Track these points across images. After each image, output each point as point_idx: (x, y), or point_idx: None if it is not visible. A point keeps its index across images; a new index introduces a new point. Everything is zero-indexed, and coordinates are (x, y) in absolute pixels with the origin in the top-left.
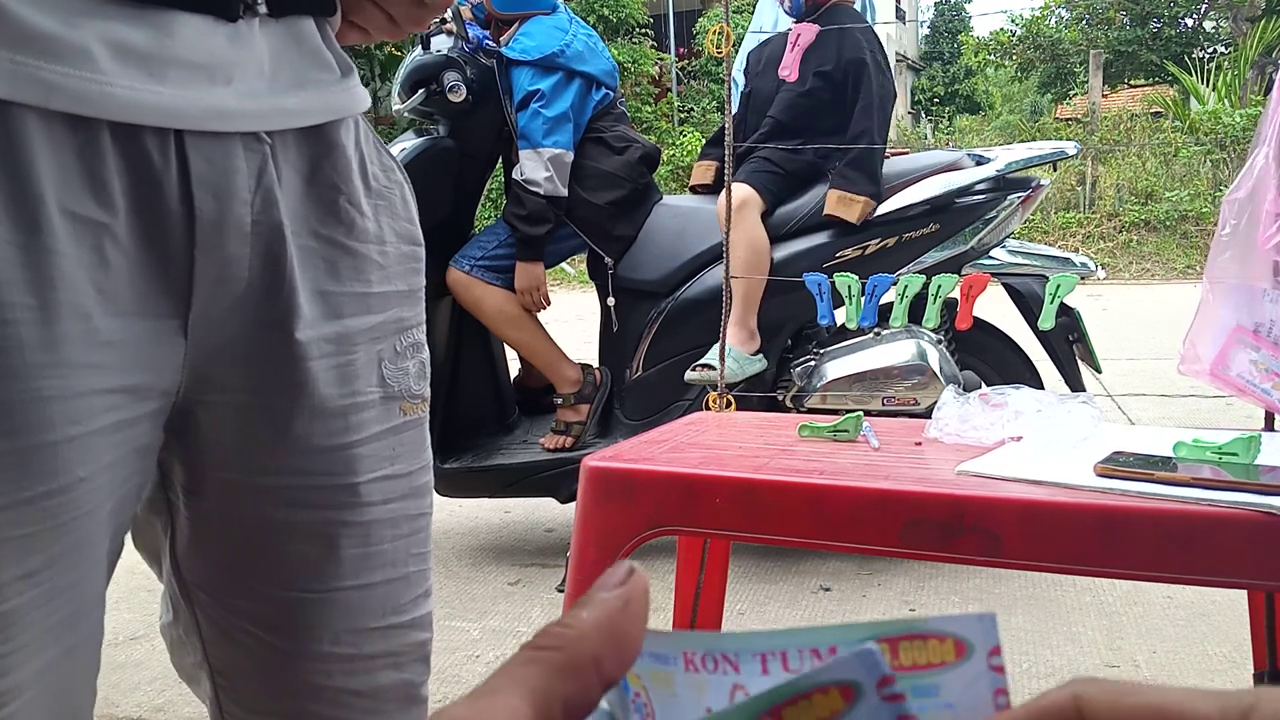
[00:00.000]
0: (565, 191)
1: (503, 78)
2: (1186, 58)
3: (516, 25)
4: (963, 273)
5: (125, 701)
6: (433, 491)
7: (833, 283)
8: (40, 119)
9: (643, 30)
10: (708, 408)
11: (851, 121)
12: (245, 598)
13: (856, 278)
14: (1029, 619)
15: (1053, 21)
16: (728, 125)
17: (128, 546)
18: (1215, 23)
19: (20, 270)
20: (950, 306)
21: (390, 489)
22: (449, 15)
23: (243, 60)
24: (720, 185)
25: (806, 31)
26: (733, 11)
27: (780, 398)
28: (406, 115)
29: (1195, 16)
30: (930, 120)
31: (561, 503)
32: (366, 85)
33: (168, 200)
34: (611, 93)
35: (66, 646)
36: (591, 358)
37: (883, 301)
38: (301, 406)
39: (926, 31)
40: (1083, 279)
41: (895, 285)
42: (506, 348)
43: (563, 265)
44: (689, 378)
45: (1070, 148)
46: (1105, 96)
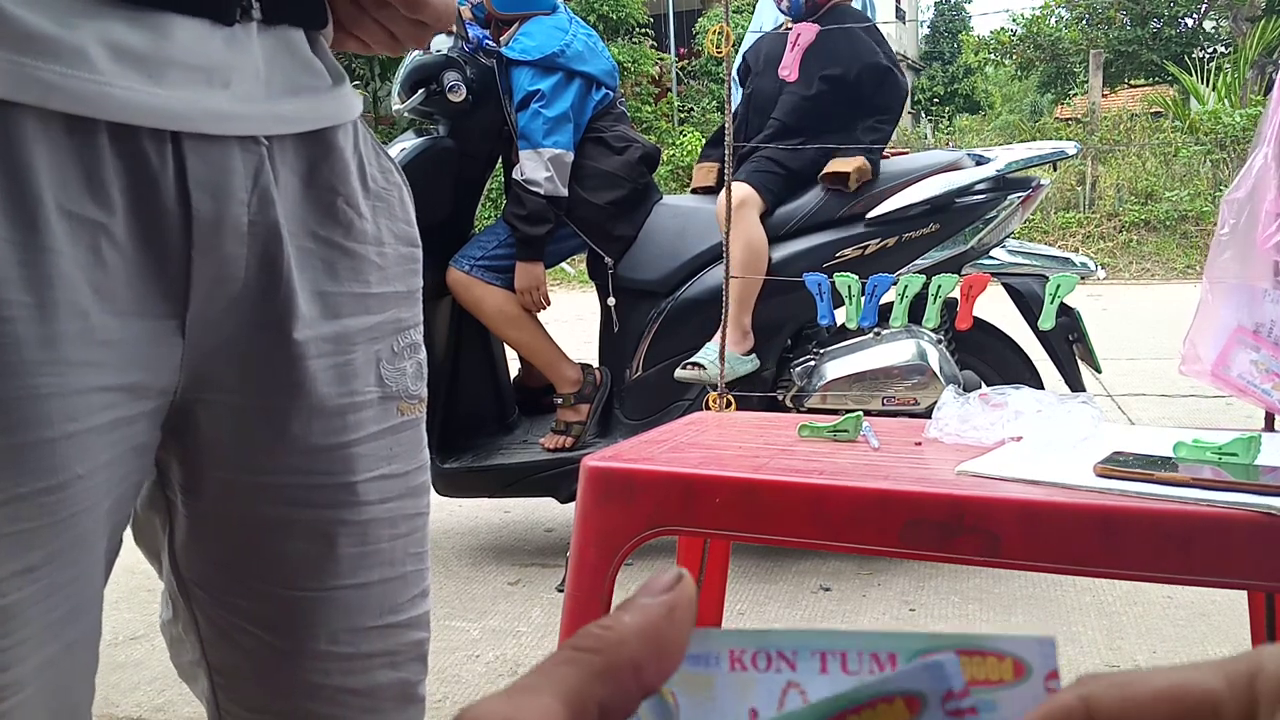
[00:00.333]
0: (565, 191)
1: (503, 78)
2: (1186, 58)
3: (516, 25)
4: (963, 273)
5: (125, 701)
6: (430, 491)
7: (833, 283)
8: (38, 119)
9: (643, 30)
10: (708, 408)
11: (866, 121)
12: (243, 596)
13: (856, 278)
14: (1029, 619)
15: (1053, 21)
16: (728, 125)
17: (128, 545)
18: (1215, 23)
19: (18, 269)
20: (950, 306)
21: (387, 488)
22: None
23: (239, 64)
24: (721, 186)
25: (806, 31)
26: (733, 11)
27: (780, 398)
28: (406, 115)
29: (1195, 16)
30: (930, 120)
31: (561, 503)
32: (366, 85)
33: (165, 200)
34: (611, 93)
35: (66, 643)
36: (591, 358)
37: (883, 301)
38: (299, 406)
39: (926, 31)
40: (1083, 279)
41: (895, 285)
42: (506, 348)
43: (563, 265)
44: (679, 376)
45: (1070, 148)
46: (1105, 96)
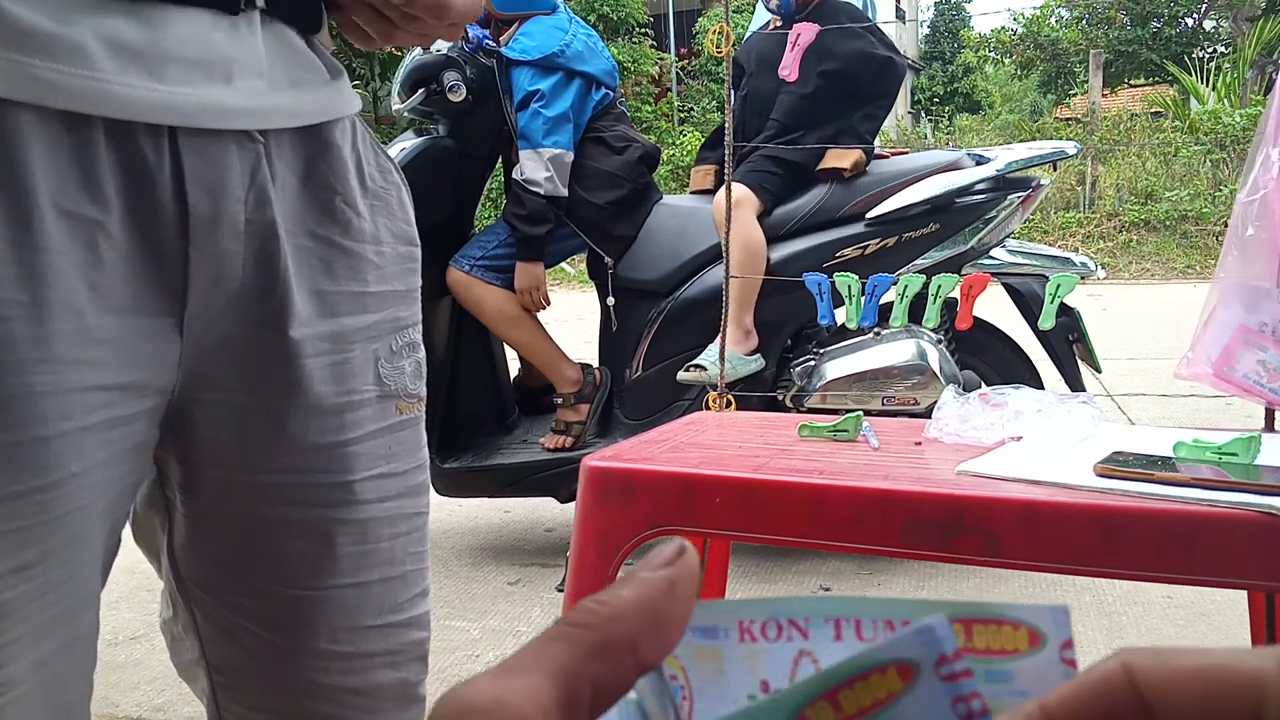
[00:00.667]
0: (565, 191)
1: (503, 78)
2: (1186, 58)
3: (516, 25)
4: (963, 272)
5: (125, 701)
6: (429, 491)
7: (833, 282)
8: (36, 116)
9: (643, 30)
10: (708, 407)
11: (863, 109)
12: (243, 595)
13: (856, 277)
14: None
15: (1053, 20)
16: (728, 125)
17: (126, 544)
18: (1215, 23)
19: (12, 267)
20: (950, 306)
21: (386, 487)
22: None
23: (241, 58)
24: (719, 188)
25: (806, 31)
26: (733, 11)
27: (780, 398)
28: (406, 115)
29: (1195, 16)
30: (930, 120)
31: (561, 503)
32: (366, 85)
33: (161, 198)
34: (611, 93)
35: (62, 641)
36: (591, 358)
37: (883, 301)
38: (296, 404)
39: (926, 31)
40: (1083, 279)
41: (895, 285)
42: (506, 348)
43: (563, 265)
44: (681, 378)
45: (1070, 147)
46: (1105, 96)
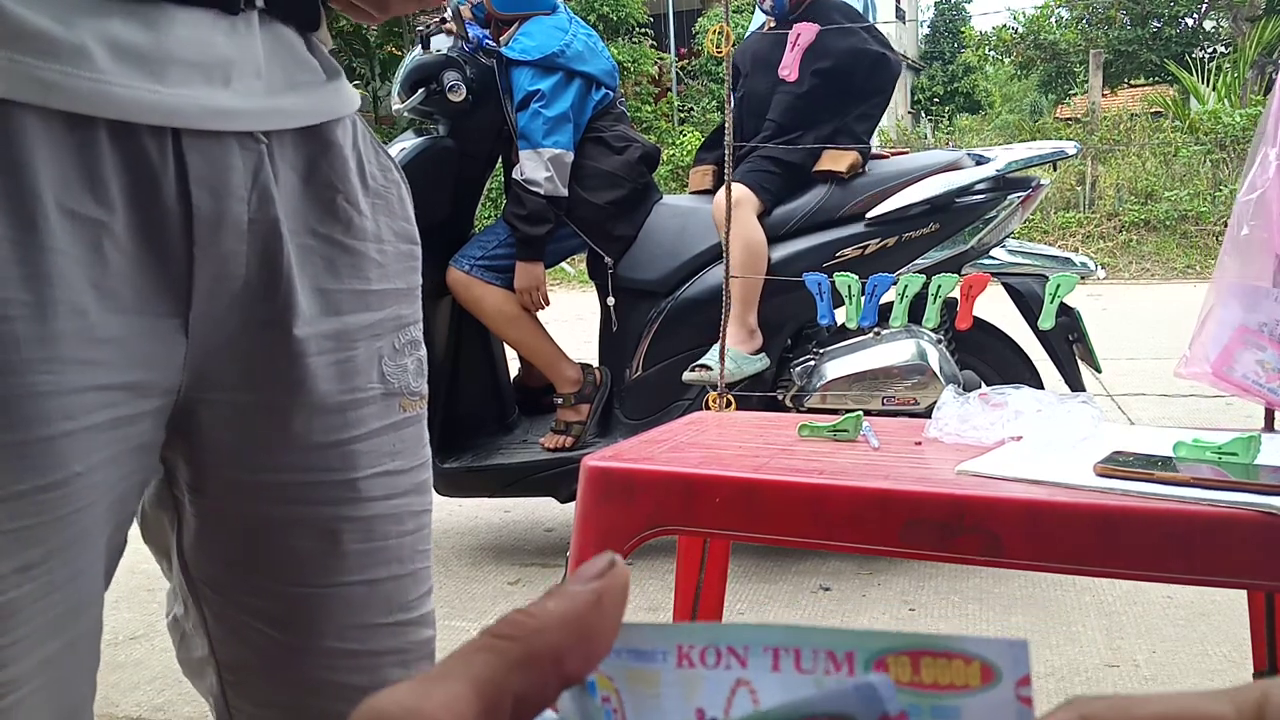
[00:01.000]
0: (565, 191)
1: (503, 78)
2: (1186, 57)
3: (516, 25)
4: (963, 272)
5: (125, 701)
6: (432, 489)
7: (833, 282)
8: (39, 117)
9: (643, 30)
10: (708, 407)
11: (860, 108)
12: (251, 593)
13: (856, 277)
14: (1029, 619)
15: (1053, 20)
16: (728, 125)
17: (128, 543)
18: (1215, 23)
19: (16, 267)
20: (950, 306)
21: (391, 485)
22: (449, 15)
23: (240, 59)
24: (719, 187)
25: (807, 31)
26: (733, 11)
27: (780, 397)
28: (406, 115)
29: (1195, 16)
30: (930, 120)
31: (561, 502)
32: (366, 85)
33: (165, 198)
34: (611, 93)
35: (66, 640)
36: (591, 357)
37: (883, 301)
38: (301, 403)
39: (926, 31)
40: (1083, 279)
41: (895, 285)
42: (506, 347)
43: (563, 265)
44: (687, 378)
45: (1070, 147)
46: (1105, 96)
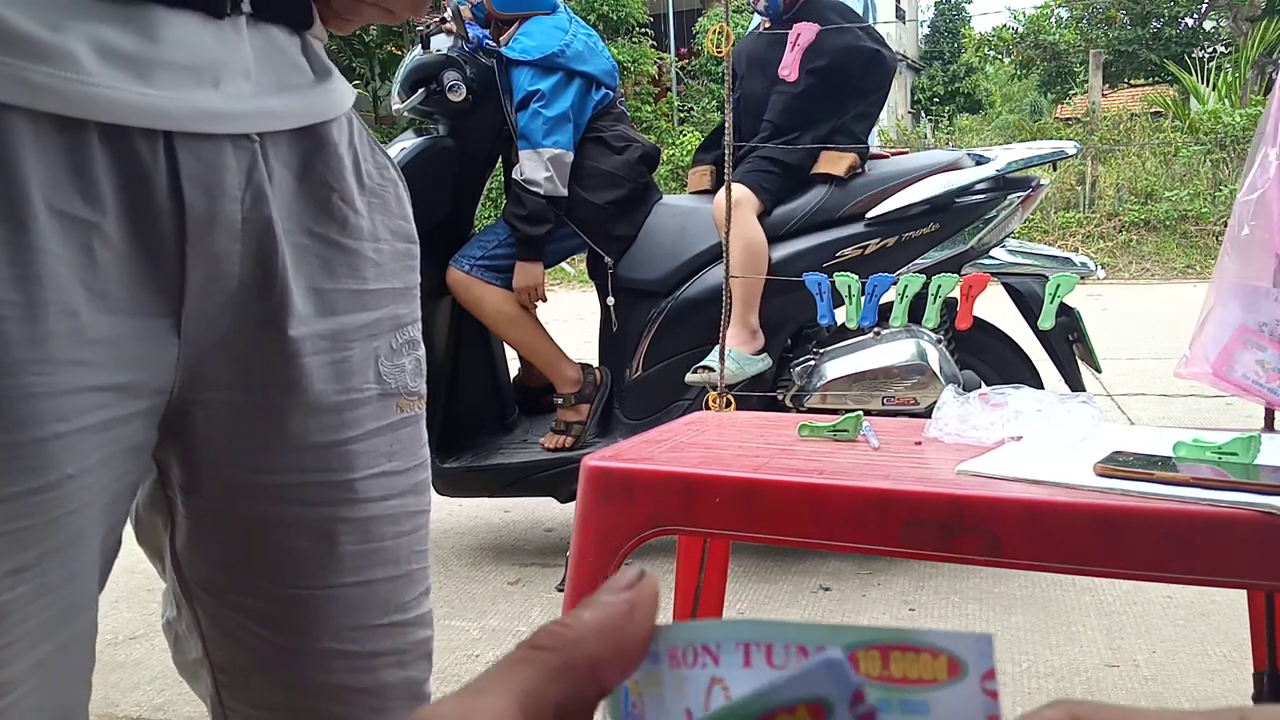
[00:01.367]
0: (565, 191)
1: (503, 77)
2: (1186, 57)
3: (516, 25)
4: (963, 272)
5: (125, 701)
6: (431, 489)
7: (832, 282)
8: (28, 119)
9: (643, 30)
10: (708, 407)
11: (857, 108)
12: (246, 595)
13: (856, 277)
14: (1029, 619)
15: (1053, 20)
16: (728, 125)
17: (127, 543)
18: (1215, 23)
19: (6, 268)
20: (950, 306)
21: (388, 485)
22: (449, 15)
23: (229, 61)
24: (718, 188)
25: (806, 31)
26: (733, 11)
27: (780, 397)
28: (406, 115)
29: (1195, 16)
30: (930, 120)
31: (561, 502)
32: (366, 85)
33: (157, 197)
34: (611, 92)
35: (61, 642)
36: (591, 358)
37: (883, 301)
38: (296, 403)
39: (926, 31)
40: (1083, 279)
41: (895, 285)
42: (506, 347)
43: (563, 265)
44: (690, 379)
45: (1070, 147)
46: (1105, 96)
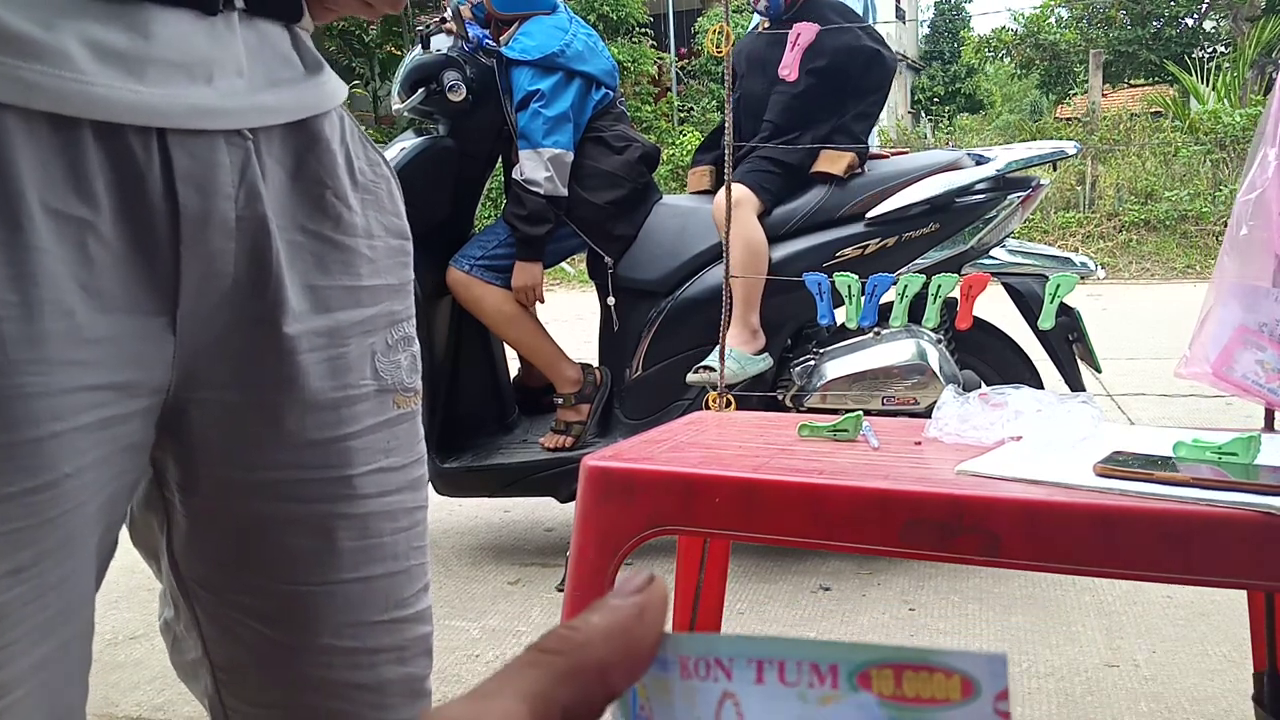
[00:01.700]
0: (565, 191)
1: (502, 77)
2: (1186, 57)
3: (516, 25)
4: (963, 272)
5: (125, 701)
6: (428, 485)
7: (832, 282)
8: (21, 118)
9: (643, 30)
10: (708, 407)
11: (857, 108)
12: (244, 593)
13: (856, 277)
14: (1029, 619)
15: (1052, 20)
16: (728, 125)
17: (127, 544)
18: (1215, 23)
19: (2, 267)
20: (950, 306)
21: (385, 481)
22: (449, 15)
23: (221, 58)
24: (718, 188)
25: (807, 31)
26: (733, 11)
27: (780, 397)
28: (406, 114)
29: (1195, 16)
30: (930, 120)
31: (561, 502)
32: (366, 85)
33: (151, 196)
34: (611, 92)
35: (59, 642)
36: (591, 357)
37: (883, 301)
38: (293, 400)
39: (926, 31)
40: (1083, 279)
41: (895, 285)
42: (506, 347)
43: (563, 265)
44: (691, 380)
45: (1070, 147)
46: (1105, 96)
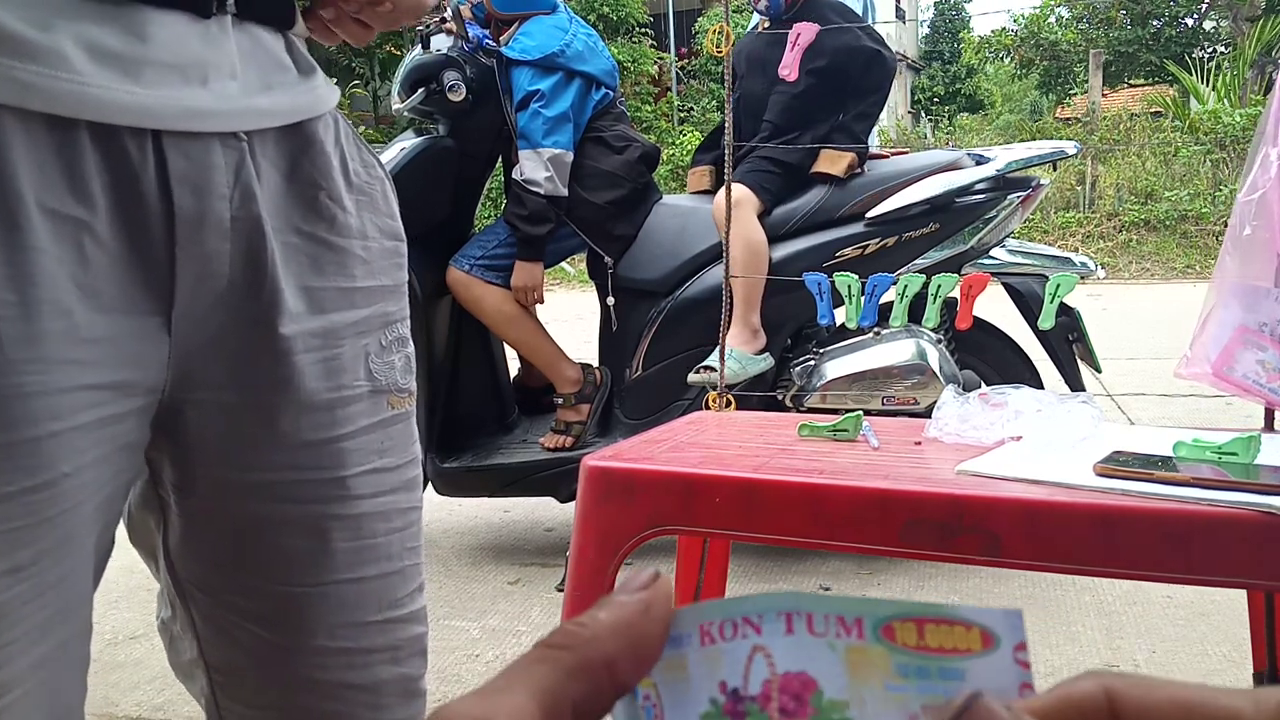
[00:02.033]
0: (565, 191)
1: (502, 77)
2: (1186, 57)
3: (516, 25)
4: (963, 272)
5: (125, 701)
6: (421, 486)
7: (832, 282)
8: (18, 118)
9: (643, 30)
10: (708, 407)
11: (857, 108)
12: (239, 593)
13: (856, 277)
14: (1029, 619)
15: (1052, 20)
16: (728, 125)
17: (126, 544)
18: (1215, 22)
19: (0, 267)
20: (950, 306)
21: (380, 482)
22: (449, 15)
23: (215, 61)
24: (718, 188)
25: (807, 31)
26: (733, 11)
27: (780, 397)
28: (406, 115)
29: (1195, 16)
30: (930, 120)
31: (561, 502)
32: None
33: (147, 197)
34: (611, 92)
35: (58, 641)
36: (591, 357)
37: (883, 301)
38: (288, 401)
39: (926, 31)
40: (1083, 279)
41: (895, 285)
42: (506, 347)
43: (563, 265)
44: (692, 380)
45: (1070, 147)
46: (1105, 96)
